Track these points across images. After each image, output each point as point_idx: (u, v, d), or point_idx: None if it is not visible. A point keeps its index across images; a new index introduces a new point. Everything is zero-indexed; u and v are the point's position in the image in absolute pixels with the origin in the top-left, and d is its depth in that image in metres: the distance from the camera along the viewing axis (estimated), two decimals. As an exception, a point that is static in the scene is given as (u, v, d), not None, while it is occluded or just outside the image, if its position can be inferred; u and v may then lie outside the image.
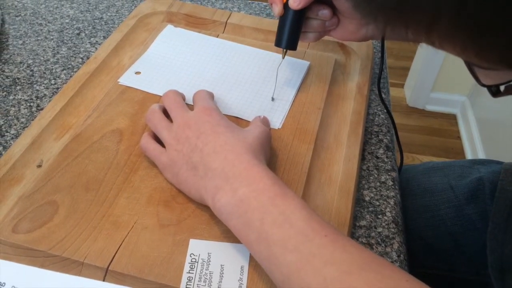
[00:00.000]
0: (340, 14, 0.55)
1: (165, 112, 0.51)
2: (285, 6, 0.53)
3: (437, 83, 1.95)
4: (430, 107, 2.03)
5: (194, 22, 0.70)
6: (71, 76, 0.61)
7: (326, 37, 0.66)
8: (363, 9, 0.26)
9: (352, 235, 0.48)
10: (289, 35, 0.54)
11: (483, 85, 0.32)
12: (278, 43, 0.55)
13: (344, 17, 0.55)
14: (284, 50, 0.56)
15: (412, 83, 2.00)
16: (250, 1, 0.80)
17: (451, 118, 2.02)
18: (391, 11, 0.24)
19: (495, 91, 0.32)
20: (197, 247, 0.42)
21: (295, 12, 0.53)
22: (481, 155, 1.72)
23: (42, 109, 0.56)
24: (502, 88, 0.32)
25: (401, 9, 0.23)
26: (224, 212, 0.40)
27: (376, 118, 0.61)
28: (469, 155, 1.83)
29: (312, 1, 0.51)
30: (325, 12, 0.53)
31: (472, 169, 0.63)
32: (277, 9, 0.53)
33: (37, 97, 0.58)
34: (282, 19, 0.54)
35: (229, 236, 0.43)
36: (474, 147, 1.78)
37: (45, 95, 0.59)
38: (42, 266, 0.40)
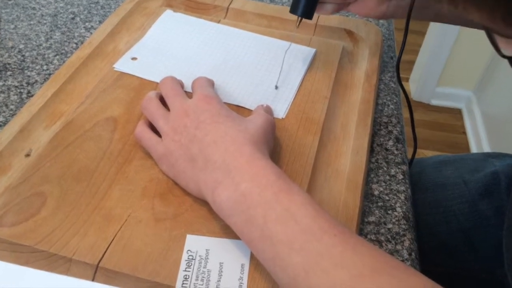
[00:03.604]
0: None
1: (162, 100, 0.48)
2: None
3: (443, 77, 1.92)
4: (435, 102, 2.00)
5: (194, 7, 0.67)
6: (64, 62, 0.58)
7: (333, 23, 0.63)
8: None
9: (360, 231, 0.45)
10: (306, 2, 0.51)
11: (504, 56, 0.29)
12: (293, 10, 0.53)
13: None
14: (299, 18, 0.53)
15: (417, 77, 1.96)
16: (253, -13, 0.76)
17: (457, 113, 1.98)
18: None
19: None
20: (195, 243, 0.39)
21: None
22: (487, 150, 1.69)
23: (33, 95, 0.53)
24: None
25: None
26: (224, 207, 0.37)
27: (386, 109, 0.58)
28: (474, 150, 1.79)
29: None
30: None
31: (486, 162, 0.60)
32: None
33: (28, 83, 0.55)
34: None
35: (228, 232, 0.40)
36: (480, 142, 1.75)
37: (36, 81, 0.56)
38: (27, 262, 0.37)
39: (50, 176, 0.43)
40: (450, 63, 1.86)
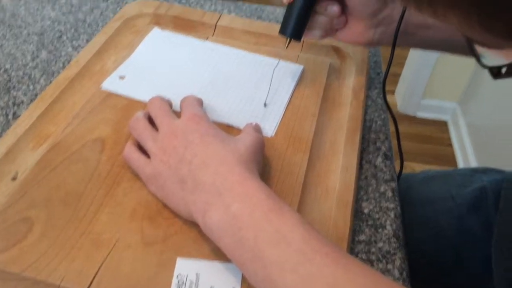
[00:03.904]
0: (348, 13, 0.53)
1: (151, 120, 0.48)
2: None
3: (428, 89, 1.94)
4: (421, 114, 2.01)
5: (182, 25, 0.67)
6: (51, 82, 0.57)
7: (320, 41, 0.63)
8: None
9: (352, 250, 0.44)
10: (295, 24, 0.53)
11: (484, 66, 0.30)
12: (283, 31, 0.54)
13: (352, 17, 0.53)
14: (288, 39, 0.54)
15: (403, 89, 1.98)
16: (240, 3, 0.77)
17: (442, 125, 2.00)
18: None
19: (496, 73, 0.30)
20: (185, 266, 0.39)
21: (304, 1, 0.51)
22: (473, 162, 1.71)
23: (19, 116, 0.52)
24: (503, 69, 0.30)
25: None
26: (215, 230, 0.36)
27: (373, 125, 0.58)
28: (460, 162, 1.81)
29: None
30: (334, 9, 0.52)
31: (474, 177, 0.60)
32: None
33: (14, 104, 0.55)
34: (290, 6, 0.53)
35: (219, 254, 0.39)
36: (466, 154, 1.77)
37: (22, 101, 0.55)
38: (14, 290, 0.37)
39: (37, 200, 0.43)
40: (435, 75, 1.89)
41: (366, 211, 0.48)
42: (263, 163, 0.47)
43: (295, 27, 0.53)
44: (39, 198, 0.43)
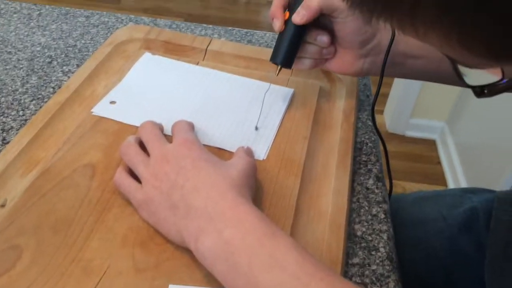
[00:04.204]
0: (338, 44, 0.55)
1: (142, 145, 0.48)
2: (286, 22, 0.53)
3: (416, 109, 1.96)
4: (409, 133, 2.03)
5: (173, 49, 0.67)
6: (41, 107, 0.57)
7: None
8: None
9: (345, 274, 0.44)
10: (286, 52, 0.54)
11: (467, 86, 0.31)
12: (273, 59, 0.55)
13: (341, 47, 0.55)
14: (279, 67, 0.55)
15: (392, 109, 2.01)
16: (230, 28, 0.78)
17: (431, 144, 2.02)
18: None
19: (479, 92, 0.31)
20: (178, 293, 0.38)
21: (295, 30, 0.53)
22: (462, 180, 1.72)
23: (8, 142, 0.52)
24: (486, 89, 0.31)
25: None
26: (208, 256, 0.36)
27: (364, 147, 0.59)
28: (450, 180, 1.82)
29: (316, 17, 0.51)
30: (323, 39, 0.53)
31: (464, 198, 0.61)
32: (278, 24, 0.52)
33: (3, 130, 0.54)
34: (281, 35, 0.54)
35: (212, 280, 0.39)
36: (455, 172, 1.78)
37: (12, 127, 0.55)
38: (1, 321, 0.36)
39: (26, 227, 0.42)
40: (423, 95, 1.91)
41: (359, 233, 0.48)
42: (255, 186, 0.47)
43: (286, 55, 0.54)
44: (28, 225, 0.42)
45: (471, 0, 0.21)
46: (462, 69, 0.30)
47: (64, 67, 0.65)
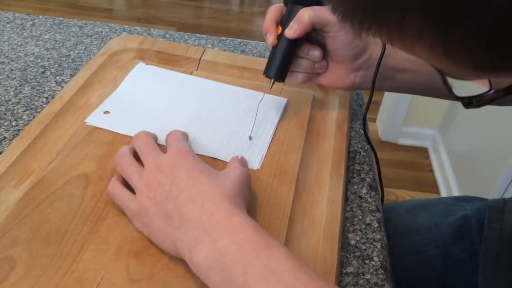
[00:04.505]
0: (330, 58, 0.55)
1: (136, 155, 0.48)
2: (279, 37, 0.54)
3: (408, 117, 1.98)
4: (402, 141, 2.05)
5: (166, 59, 0.67)
6: (34, 117, 0.57)
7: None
8: (340, 9, 0.25)
9: (340, 283, 0.44)
10: (279, 66, 0.55)
11: (456, 98, 0.31)
12: (267, 73, 0.56)
13: (333, 61, 0.55)
14: (272, 80, 0.56)
15: (384, 117, 2.02)
16: (224, 38, 0.78)
17: (423, 152, 2.04)
18: (365, 8, 0.24)
19: (467, 103, 0.31)
20: (172, 304, 0.38)
21: (288, 44, 0.54)
22: (454, 188, 1.73)
23: (1, 153, 0.52)
24: (474, 100, 0.31)
25: (374, 5, 0.23)
26: (202, 267, 0.36)
27: (357, 156, 0.59)
28: (442, 188, 1.83)
29: (308, 31, 0.52)
30: (315, 53, 0.54)
31: (457, 206, 0.61)
32: (271, 38, 0.53)
33: (-5, 140, 0.54)
34: (274, 50, 0.55)
35: (207, 291, 0.39)
36: (447, 179, 1.80)
37: (5, 137, 0.55)
38: (-6, 334, 0.35)
39: (19, 239, 0.42)
40: (415, 103, 1.93)
41: (352, 242, 0.48)
42: (249, 196, 0.47)
43: (279, 69, 0.55)
44: (21, 236, 0.42)
45: (455, 13, 0.21)
46: (451, 80, 0.31)
47: (58, 77, 0.65)
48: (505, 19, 0.20)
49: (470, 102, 0.31)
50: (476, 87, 0.30)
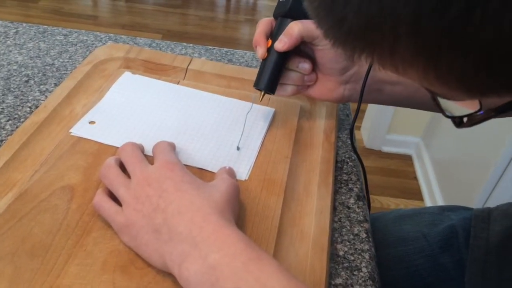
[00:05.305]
0: (319, 71, 0.56)
1: (122, 166, 0.47)
2: (269, 50, 0.54)
3: (392, 125, 2.00)
4: (386, 149, 2.06)
5: (153, 69, 0.67)
6: (17, 127, 0.56)
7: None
8: (332, 35, 0.25)
9: (329, 295, 0.44)
10: (269, 78, 0.55)
11: (447, 116, 0.31)
12: (257, 85, 0.56)
13: (322, 74, 0.56)
14: (262, 92, 0.56)
15: (369, 125, 2.04)
16: (210, 47, 0.78)
17: (407, 159, 2.06)
18: (357, 35, 0.24)
19: (458, 122, 0.32)
20: (160, 320, 0.37)
21: (277, 57, 0.54)
22: (438, 195, 1.75)
23: (-18, 164, 0.51)
24: (465, 119, 0.32)
25: (365, 31, 0.23)
26: (192, 281, 0.36)
27: (345, 166, 0.59)
28: (426, 195, 1.85)
29: (297, 44, 0.52)
30: (305, 66, 0.55)
31: (442, 216, 0.62)
32: (261, 51, 0.54)
33: (-23, 151, 0.53)
34: (264, 62, 0.55)
35: (196, 305, 0.38)
36: (430, 187, 1.81)
37: (-14, 148, 0.53)
38: None
39: (2, 253, 0.41)
40: (399, 111, 1.95)
41: (341, 253, 0.48)
42: (238, 208, 0.46)
43: (269, 81, 0.55)
44: (4, 251, 0.41)
45: (445, 40, 0.21)
46: (442, 101, 0.31)
47: (42, 86, 0.64)
48: (492, 50, 0.21)
49: (461, 121, 0.31)
50: (466, 107, 0.30)
